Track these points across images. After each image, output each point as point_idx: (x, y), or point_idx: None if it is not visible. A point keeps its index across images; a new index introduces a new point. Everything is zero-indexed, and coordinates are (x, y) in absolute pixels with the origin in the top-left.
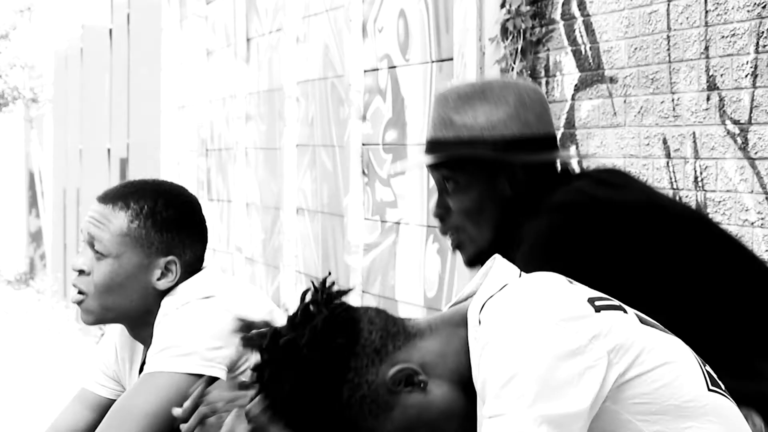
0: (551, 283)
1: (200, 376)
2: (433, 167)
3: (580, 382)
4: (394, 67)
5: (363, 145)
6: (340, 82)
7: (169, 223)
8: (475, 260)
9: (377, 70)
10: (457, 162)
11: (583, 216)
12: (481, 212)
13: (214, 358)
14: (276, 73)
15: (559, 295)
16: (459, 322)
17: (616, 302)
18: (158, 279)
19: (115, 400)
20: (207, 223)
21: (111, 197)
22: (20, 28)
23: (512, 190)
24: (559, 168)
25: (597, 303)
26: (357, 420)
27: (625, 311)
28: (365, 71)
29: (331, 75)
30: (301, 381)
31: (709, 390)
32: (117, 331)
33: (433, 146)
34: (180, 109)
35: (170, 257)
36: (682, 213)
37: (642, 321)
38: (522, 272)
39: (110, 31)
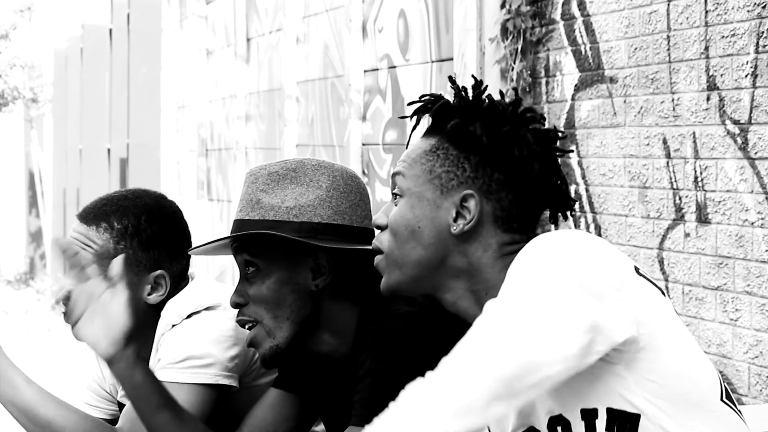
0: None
1: (218, 386)
2: (235, 251)
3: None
4: (394, 67)
5: (363, 145)
6: (340, 82)
7: (154, 239)
8: (270, 361)
9: (377, 70)
10: (258, 245)
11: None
12: (280, 304)
13: (232, 368)
14: (276, 73)
15: (608, 250)
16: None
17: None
18: (149, 294)
19: (107, 419)
20: (189, 229)
21: (93, 217)
22: (20, 27)
23: (315, 283)
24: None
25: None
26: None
27: (664, 294)
28: (365, 71)
29: (331, 75)
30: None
31: (722, 400)
32: None
33: (238, 228)
34: (180, 109)
35: (159, 272)
36: None
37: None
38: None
39: (110, 31)
